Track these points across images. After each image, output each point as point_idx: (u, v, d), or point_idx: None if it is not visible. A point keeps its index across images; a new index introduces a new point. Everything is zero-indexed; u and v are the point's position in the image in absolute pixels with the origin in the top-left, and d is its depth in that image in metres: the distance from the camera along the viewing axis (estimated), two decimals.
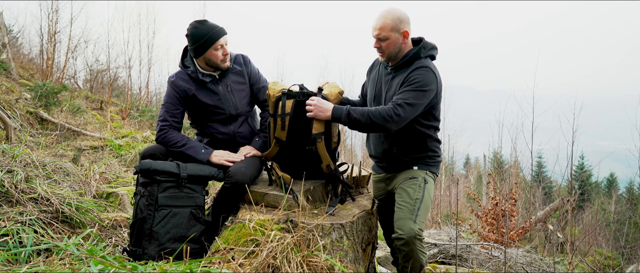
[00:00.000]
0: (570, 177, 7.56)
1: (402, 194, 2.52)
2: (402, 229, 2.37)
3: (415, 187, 2.51)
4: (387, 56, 2.56)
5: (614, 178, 20.15)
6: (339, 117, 2.41)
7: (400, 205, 2.48)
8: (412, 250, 2.36)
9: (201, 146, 2.69)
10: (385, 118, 2.35)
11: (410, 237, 2.34)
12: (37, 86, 7.64)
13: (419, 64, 2.49)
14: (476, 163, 22.74)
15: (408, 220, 2.38)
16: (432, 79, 2.45)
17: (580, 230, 9.56)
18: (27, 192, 2.80)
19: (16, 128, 5.50)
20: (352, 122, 2.40)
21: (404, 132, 2.56)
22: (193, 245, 2.44)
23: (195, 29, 2.60)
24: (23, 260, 2.19)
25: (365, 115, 2.37)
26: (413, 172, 2.60)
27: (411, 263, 2.38)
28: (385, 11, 2.52)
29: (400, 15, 2.48)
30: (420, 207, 2.44)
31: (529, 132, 8.99)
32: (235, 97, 2.78)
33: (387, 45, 2.50)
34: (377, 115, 2.36)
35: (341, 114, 2.40)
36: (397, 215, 2.44)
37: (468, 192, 8.80)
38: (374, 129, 2.44)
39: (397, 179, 2.65)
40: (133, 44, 22.60)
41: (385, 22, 2.47)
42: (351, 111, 2.39)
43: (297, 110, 2.50)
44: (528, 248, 5.93)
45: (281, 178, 2.54)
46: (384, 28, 2.47)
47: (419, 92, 2.40)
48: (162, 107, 2.75)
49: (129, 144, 6.76)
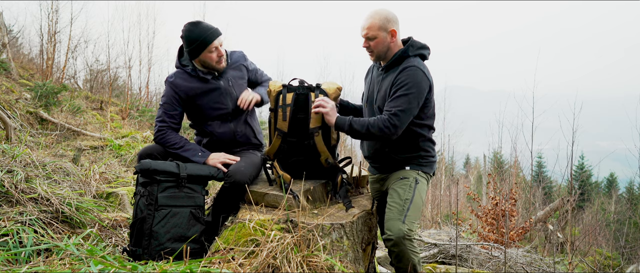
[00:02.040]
0: (570, 177, 7.56)
1: (392, 195, 2.52)
2: (390, 230, 2.37)
3: (406, 187, 2.51)
4: (376, 55, 2.60)
5: (614, 178, 20.15)
6: (342, 127, 2.50)
7: (390, 206, 2.48)
8: (402, 250, 2.35)
9: (198, 149, 2.69)
10: (383, 129, 2.41)
11: (399, 238, 2.34)
12: (37, 86, 7.64)
13: (407, 64, 2.51)
14: (476, 163, 22.74)
15: (397, 221, 2.38)
16: (421, 77, 2.47)
17: (580, 230, 9.56)
18: (27, 192, 2.80)
19: (16, 128, 5.50)
20: (353, 133, 2.49)
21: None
22: (193, 245, 2.44)
23: (189, 31, 2.60)
24: (23, 260, 2.19)
25: (365, 126, 2.45)
26: (405, 172, 2.59)
27: (402, 263, 2.38)
28: (372, 11, 2.57)
29: (388, 15, 2.53)
30: (409, 208, 2.44)
31: (529, 132, 8.98)
32: (236, 91, 2.78)
33: (376, 44, 2.54)
34: (375, 127, 2.43)
35: (344, 124, 2.49)
36: (387, 216, 2.44)
37: (468, 192, 8.80)
38: (373, 138, 2.52)
39: (390, 180, 2.65)
40: (133, 44, 22.57)
41: (373, 22, 2.52)
42: (353, 122, 2.48)
43: (297, 103, 2.56)
44: (528, 248, 5.94)
45: (281, 177, 2.55)
46: (372, 27, 2.52)
47: (409, 96, 2.43)
48: (160, 107, 2.74)
49: (129, 144, 6.76)
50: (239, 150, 2.83)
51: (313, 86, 2.60)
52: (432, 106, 2.62)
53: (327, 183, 2.72)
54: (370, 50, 2.59)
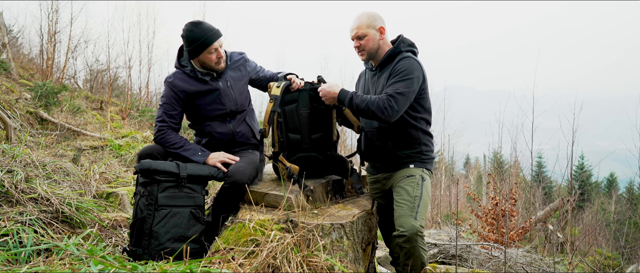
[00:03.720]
0: (570, 177, 7.56)
1: (400, 192, 2.53)
2: (403, 226, 2.37)
3: (414, 184, 2.54)
4: (367, 54, 2.68)
5: (614, 178, 20.15)
6: (343, 99, 2.56)
7: (399, 203, 2.49)
8: (413, 247, 2.36)
9: (198, 148, 2.69)
10: (381, 107, 2.44)
11: (412, 234, 2.34)
12: (37, 86, 7.64)
13: (402, 56, 2.61)
14: (476, 163, 22.73)
15: (409, 217, 2.39)
16: (416, 66, 2.57)
17: (580, 230, 9.56)
18: (27, 192, 2.80)
19: (16, 128, 5.50)
20: (353, 106, 2.53)
21: (397, 125, 2.63)
22: (193, 245, 2.44)
23: (190, 31, 2.60)
24: (23, 260, 2.19)
25: (365, 102, 2.49)
26: (410, 170, 2.62)
27: (412, 261, 2.38)
28: (359, 13, 2.70)
29: (374, 14, 2.67)
30: (419, 204, 2.46)
31: (529, 132, 8.98)
32: (235, 92, 2.79)
33: (366, 42, 2.63)
34: (374, 104, 2.46)
35: (346, 96, 2.55)
36: (398, 213, 2.45)
37: (468, 192, 8.80)
38: (372, 116, 2.52)
39: (395, 178, 2.66)
40: (133, 44, 22.60)
41: (361, 21, 2.64)
42: (354, 96, 2.53)
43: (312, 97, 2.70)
44: (528, 248, 5.93)
45: (289, 169, 2.59)
46: (361, 26, 2.63)
47: (407, 81, 2.51)
48: (159, 107, 2.74)
49: (129, 144, 6.76)
50: (238, 150, 2.82)
51: (312, 82, 2.73)
52: (428, 99, 2.69)
53: (327, 183, 2.73)
54: (361, 50, 2.67)
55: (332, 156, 2.76)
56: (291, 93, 2.69)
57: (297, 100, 2.68)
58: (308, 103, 2.68)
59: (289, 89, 2.68)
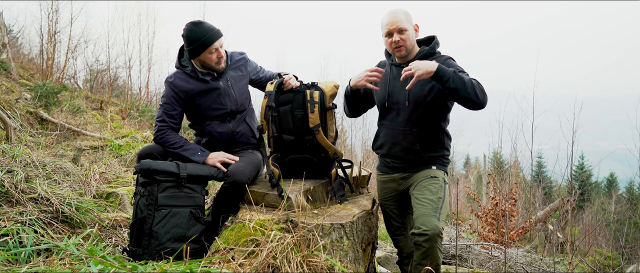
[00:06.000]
0: (570, 177, 7.57)
1: (423, 192, 2.50)
2: (426, 225, 2.33)
3: (437, 186, 2.52)
4: (406, 49, 2.61)
5: (614, 178, 20.15)
6: (443, 74, 2.34)
7: (422, 202, 2.45)
8: (433, 247, 2.33)
9: (198, 148, 2.69)
10: (484, 91, 2.38)
11: (434, 234, 2.31)
12: (37, 86, 7.64)
13: (444, 58, 2.60)
14: (476, 163, 22.74)
15: (432, 217, 2.37)
16: None
17: (580, 230, 9.56)
18: (27, 192, 2.80)
19: (16, 128, 5.50)
20: (456, 81, 2.34)
21: (429, 128, 2.62)
22: (193, 245, 2.44)
23: (191, 31, 2.60)
24: (23, 260, 2.19)
25: (469, 80, 2.35)
26: (433, 171, 2.61)
27: (428, 261, 2.35)
28: (393, 10, 2.63)
29: (408, 12, 2.64)
30: (442, 206, 2.45)
31: (529, 132, 8.97)
32: (235, 92, 2.79)
33: (407, 37, 2.58)
34: (479, 87, 2.37)
35: (447, 70, 2.35)
36: (420, 212, 2.41)
37: (468, 192, 8.81)
38: (474, 97, 2.36)
39: (415, 177, 2.63)
40: (133, 44, 22.56)
41: (399, 16, 2.57)
42: (457, 72, 2.38)
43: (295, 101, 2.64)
44: (528, 248, 5.94)
45: (272, 172, 2.58)
46: (402, 20, 2.56)
47: None
48: (160, 107, 2.74)
49: (129, 144, 6.76)
50: (238, 150, 2.83)
51: (309, 84, 2.65)
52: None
53: (327, 183, 2.73)
54: (400, 45, 2.58)
55: (325, 158, 2.70)
56: (286, 94, 2.64)
57: (291, 102, 2.63)
58: (302, 104, 2.62)
59: (282, 87, 2.64)
